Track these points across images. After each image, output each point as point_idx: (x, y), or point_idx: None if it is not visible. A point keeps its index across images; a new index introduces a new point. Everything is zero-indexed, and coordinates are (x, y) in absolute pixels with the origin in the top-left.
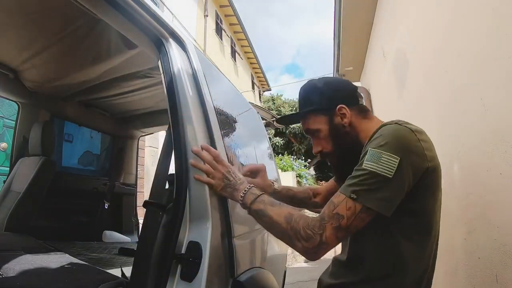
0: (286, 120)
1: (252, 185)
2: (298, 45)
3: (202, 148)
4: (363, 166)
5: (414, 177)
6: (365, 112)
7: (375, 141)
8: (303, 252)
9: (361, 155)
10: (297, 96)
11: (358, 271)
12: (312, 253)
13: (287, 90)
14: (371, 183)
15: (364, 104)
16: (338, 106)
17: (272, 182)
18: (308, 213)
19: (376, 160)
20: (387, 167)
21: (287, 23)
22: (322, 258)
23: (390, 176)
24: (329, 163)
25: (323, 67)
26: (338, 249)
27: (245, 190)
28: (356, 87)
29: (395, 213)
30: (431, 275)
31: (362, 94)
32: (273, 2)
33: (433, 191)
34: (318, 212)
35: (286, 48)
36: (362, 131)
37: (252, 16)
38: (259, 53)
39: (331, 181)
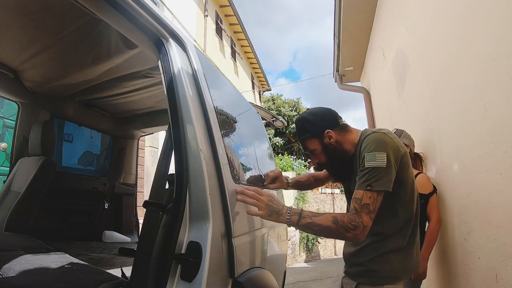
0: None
1: (291, 206)
2: (294, 51)
3: (241, 192)
4: (366, 166)
5: (396, 161)
6: (345, 128)
7: (366, 148)
8: (354, 238)
9: (360, 160)
10: (296, 97)
11: (375, 234)
12: (361, 237)
13: (286, 91)
14: (375, 175)
15: (343, 122)
16: (326, 131)
17: (287, 179)
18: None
19: (373, 159)
20: (381, 161)
21: (283, 31)
22: (321, 258)
23: (385, 166)
24: (326, 170)
25: (320, 71)
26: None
27: (288, 213)
28: (336, 113)
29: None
30: (416, 218)
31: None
32: (268, 11)
33: (407, 167)
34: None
35: (282, 55)
36: (346, 143)
37: (248, 25)
38: None
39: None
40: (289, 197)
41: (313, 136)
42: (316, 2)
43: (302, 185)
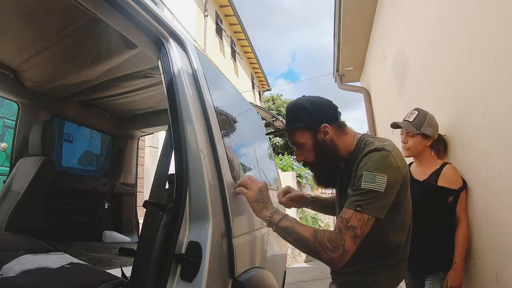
0: (275, 133)
1: (276, 208)
2: (293, 53)
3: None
4: (362, 187)
5: (396, 186)
6: (342, 128)
7: (366, 166)
8: (329, 262)
9: (355, 174)
10: (296, 97)
11: (365, 259)
12: (338, 262)
13: (286, 92)
14: (370, 198)
15: (342, 120)
16: (322, 125)
17: (308, 195)
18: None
19: (372, 181)
20: (380, 184)
21: (282, 33)
22: None
23: (383, 190)
24: (310, 171)
25: (318, 71)
26: None
27: (272, 211)
28: (337, 107)
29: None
30: (407, 242)
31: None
32: (267, 13)
33: (406, 189)
34: None
35: (281, 57)
36: (340, 145)
37: (247, 27)
38: None
39: None
40: None
41: (307, 128)
42: (314, 4)
43: (326, 203)
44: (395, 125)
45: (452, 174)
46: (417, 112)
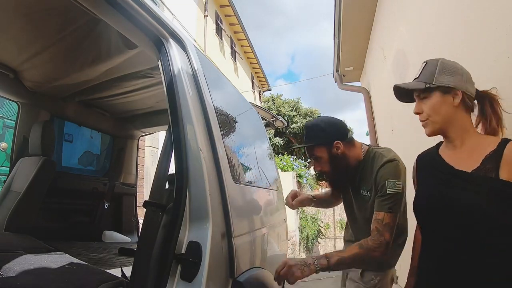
0: (297, 147)
1: (314, 255)
2: (292, 54)
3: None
4: (388, 192)
5: (405, 185)
6: (351, 142)
7: (386, 174)
8: (381, 255)
9: (378, 184)
10: (296, 97)
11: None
12: (385, 252)
13: (285, 92)
14: (395, 199)
15: (350, 136)
16: (335, 142)
17: (309, 195)
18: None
19: (393, 187)
20: (399, 188)
21: (281, 35)
22: None
23: (401, 192)
24: (325, 177)
25: (317, 72)
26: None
27: (315, 261)
28: (346, 125)
29: None
30: (405, 223)
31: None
32: (267, 15)
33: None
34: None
35: (280, 58)
36: (350, 156)
37: (247, 28)
38: None
39: None
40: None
41: (323, 144)
42: (313, 6)
43: (323, 200)
44: (398, 91)
45: None
46: (424, 64)
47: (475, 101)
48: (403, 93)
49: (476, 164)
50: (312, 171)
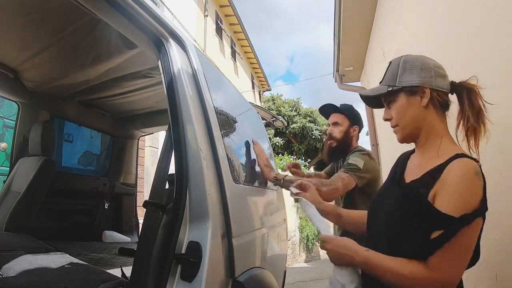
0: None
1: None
2: (291, 56)
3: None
4: (349, 162)
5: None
6: (357, 136)
7: (352, 156)
8: (343, 189)
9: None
10: (296, 97)
11: None
12: (334, 195)
13: (285, 93)
14: (355, 169)
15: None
16: (355, 126)
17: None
18: None
19: (355, 161)
20: (359, 163)
21: (280, 37)
22: (321, 258)
23: (359, 167)
24: (328, 144)
25: (316, 73)
26: None
27: (276, 173)
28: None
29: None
30: None
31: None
32: (266, 17)
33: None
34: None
35: (279, 60)
36: (350, 145)
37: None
38: None
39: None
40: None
41: (349, 120)
42: (311, 8)
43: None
44: (366, 99)
45: (458, 179)
46: (389, 64)
47: (455, 95)
48: (372, 100)
49: (419, 174)
50: (312, 170)
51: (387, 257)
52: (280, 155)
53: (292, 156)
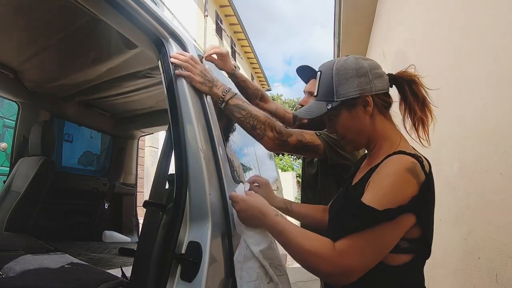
0: None
1: (230, 87)
2: (289, 59)
3: (175, 56)
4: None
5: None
6: None
7: None
8: (277, 138)
9: None
10: (296, 97)
11: None
12: (273, 144)
13: (284, 93)
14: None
15: None
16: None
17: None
18: None
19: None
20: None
21: (278, 41)
22: None
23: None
24: (298, 121)
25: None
26: None
27: (226, 90)
28: None
29: None
30: None
31: None
32: (265, 21)
33: None
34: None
35: (277, 64)
36: None
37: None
38: None
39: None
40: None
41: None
42: (309, 14)
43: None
44: (296, 120)
45: (386, 174)
46: (319, 73)
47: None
48: (297, 120)
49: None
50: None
51: (298, 228)
52: (280, 155)
53: (292, 156)
